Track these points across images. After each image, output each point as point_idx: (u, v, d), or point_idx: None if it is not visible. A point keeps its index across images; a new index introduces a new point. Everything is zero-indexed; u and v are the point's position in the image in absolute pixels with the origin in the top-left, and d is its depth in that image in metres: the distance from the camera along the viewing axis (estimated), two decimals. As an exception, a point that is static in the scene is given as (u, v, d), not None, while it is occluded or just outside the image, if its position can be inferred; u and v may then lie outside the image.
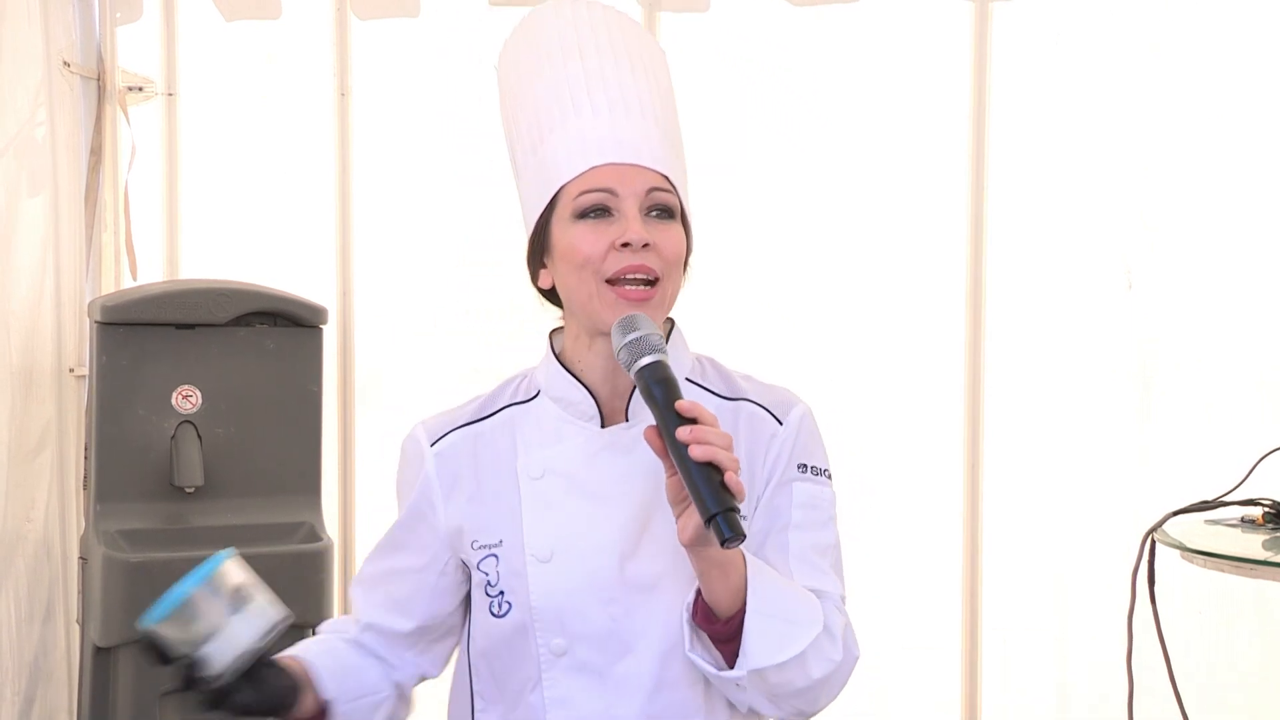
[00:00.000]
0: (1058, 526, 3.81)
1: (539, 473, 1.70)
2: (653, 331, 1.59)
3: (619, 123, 1.68)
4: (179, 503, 3.37)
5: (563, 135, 1.68)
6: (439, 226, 3.93)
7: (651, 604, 1.65)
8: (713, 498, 1.49)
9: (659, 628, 1.65)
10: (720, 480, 1.50)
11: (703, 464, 1.50)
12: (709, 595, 1.59)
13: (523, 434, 1.74)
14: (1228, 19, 3.69)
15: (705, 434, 1.51)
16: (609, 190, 1.65)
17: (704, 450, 1.50)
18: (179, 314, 3.37)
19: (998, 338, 3.83)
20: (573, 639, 1.66)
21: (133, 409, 3.34)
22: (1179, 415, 3.76)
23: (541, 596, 1.66)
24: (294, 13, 3.93)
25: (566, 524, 1.67)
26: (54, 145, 3.74)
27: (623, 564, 1.65)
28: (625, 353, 1.58)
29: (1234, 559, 2.43)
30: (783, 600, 1.61)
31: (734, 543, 1.49)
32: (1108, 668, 3.07)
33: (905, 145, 3.82)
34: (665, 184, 1.67)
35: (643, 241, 1.62)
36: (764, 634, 1.58)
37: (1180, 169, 3.74)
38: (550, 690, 1.68)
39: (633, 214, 1.64)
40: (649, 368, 1.57)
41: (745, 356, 3.78)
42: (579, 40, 1.73)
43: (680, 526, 1.55)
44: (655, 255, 1.63)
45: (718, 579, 1.58)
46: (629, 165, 1.66)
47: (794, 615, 1.61)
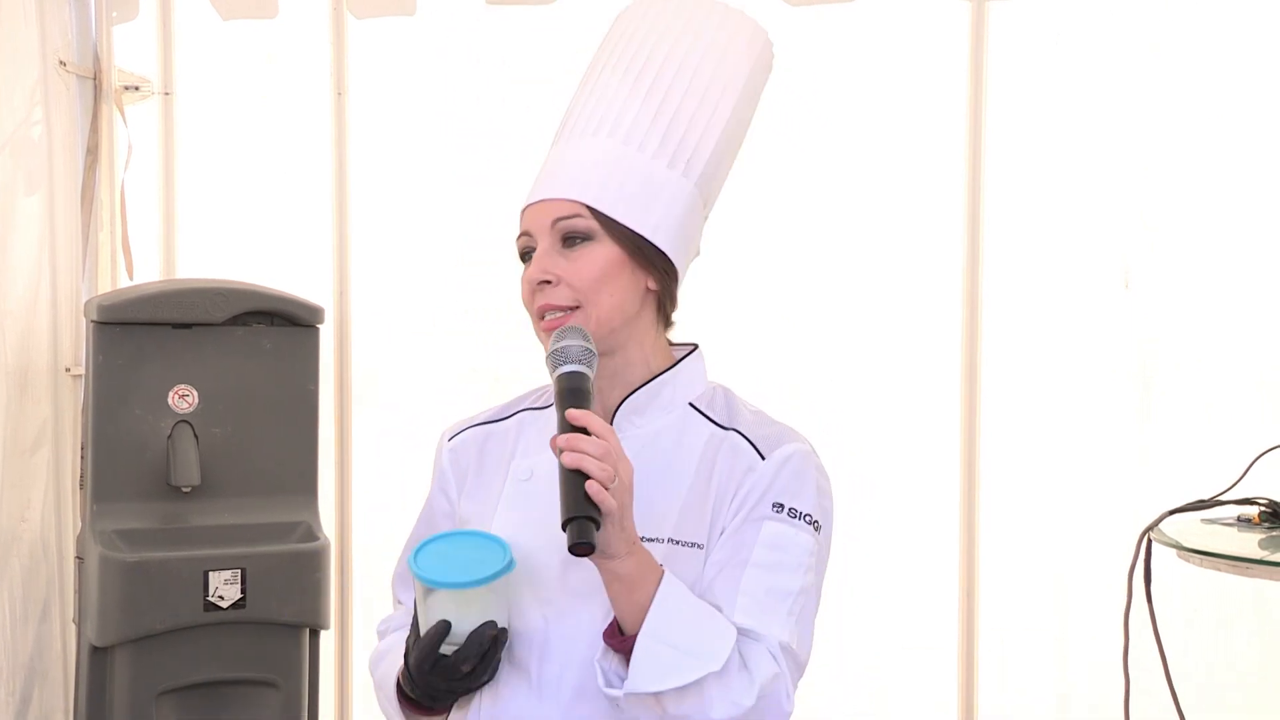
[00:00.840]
0: (1055, 526, 3.81)
1: (526, 475, 1.75)
2: (576, 343, 1.64)
3: (575, 146, 1.72)
4: (175, 502, 3.37)
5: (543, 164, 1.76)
6: (436, 226, 3.92)
7: (584, 612, 1.66)
8: (571, 503, 1.53)
9: (587, 636, 1.66)
10: (584, 490, 1.52)
11: (571, 471, 1.53)
12: (615, 609, 1.61)
13: (527, 438, 1.79)
14: (1227, 19, 3.69)
15: (578, 442, 1.54)
16: (526, 233, 1.73)
17: (573, 458, 1.53)
18: (175, 313, 3.36)
19: (995, 338, 3.83)
20: (512, 635, 1.68)
21: (129, 408, 3.34)
22: (1177, 415, 3.76)
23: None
24: (291, 12, 3.93)
25: (527, 524, 1.70)
26: (50, 145, 3.74)
27: (566, 569, 1.66)
28: (549, 361, 1.64)
29: (1230, 558, 2.43)
30: (685, 629, 1.59)
31: (580, 551, 1.51)
32: (1105, 667, 3.07)
33: (902, 145, 3.82)
34: (574, 210, 1.69)
35: (540, 280, 1.68)
36: (653, 658, 1.57)
37: (1179, 168, 3.74)
38: (487, 687, 1.70)
39: (542, 251, 1.69)
40: (561, 376, 1.62)
41: (743, 356, 3.81)
42: (633, 50, 1.76)
43: None
44: (564, 287, 1.68)
45: (621, 593, 1.59)
46: (540, 202, 1.71)
47: (692, 646, 1.58)
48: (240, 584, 3.33)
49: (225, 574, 3.32)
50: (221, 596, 3.32)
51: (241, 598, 3.33)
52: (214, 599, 3.31)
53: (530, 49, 3.74)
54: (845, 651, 3.82)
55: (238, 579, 3.33)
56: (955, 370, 3.82)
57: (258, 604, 3.34)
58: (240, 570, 3.33)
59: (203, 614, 3.30)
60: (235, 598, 3.33)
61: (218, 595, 3.31)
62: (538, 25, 3.74)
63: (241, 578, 3.33)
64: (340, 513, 3.95)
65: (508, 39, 3.78)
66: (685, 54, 1.77)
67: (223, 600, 3.32)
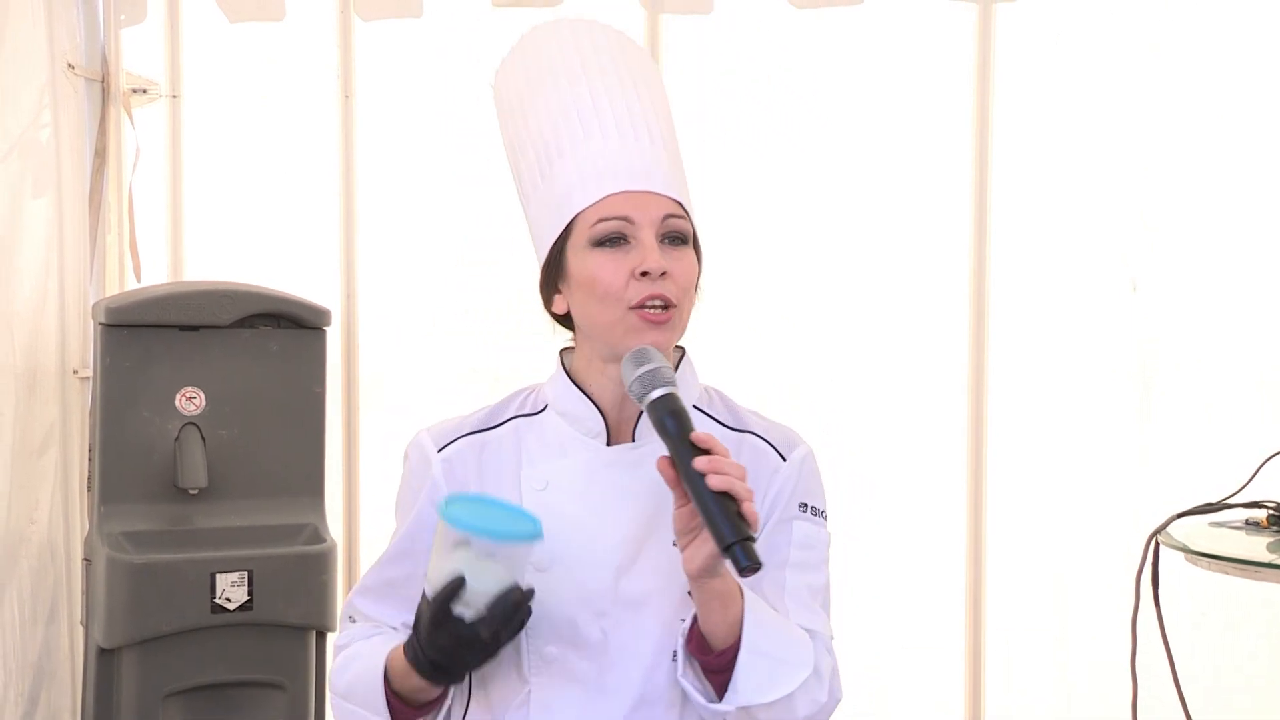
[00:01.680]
0: (1060, 527, 3.80)
1: (542, 485, 1.71)
2: (664, 365, 1.61)
3: (629, 148, 1.69)
4: (182, 504, 3.38)
5: (574, 160, 1.69)
6: (443, 228, 3.92)
7: (640, 620, 1.67)
8: (730, 528, 1.51)
9: (646, 643, 1.67)
10: (737, 510, 1.52)
11: (719, 494, 1.52)
12: (706, 626, 1.61)
13: (528, 446, 1.75)
14: (1230, 20, 3.69)
15: (722, 464, 1.53)
16: (625, 218, 1.66)
17: (721, 480, 1.52)
18: (183, 316, 3.37)
19: (1000, 338, 3.82)
20: (564, 647, 1.68)
21: (136, 410, 3.34)
22: (1181, 416, 3.76)
23: (537, 604, 1.64)
24: (297, 14, 3.93)
25: (566, 536, 1.67)
26: (58, 147, 3.75)
27: (618, 579, 1.67)
28: (638, 385, 1.60)
29: (1238, 561, 2.43)
30: (777, 639, 1.63)
31: (750, 571, 1.50)
32: (1111, 670, 3.06)
33: (908, 146, 3.81)
34: (679, 210, 1.69)
35: (661, 270, 1.64)
36: (756, 671, 1.60)
37: (1183, 170, 3.73)
38: (537, 695, 1.69)
39: (650, 242, 1.65)
40: (661, 400, 1.59)
41: (749, 358, 3.81)
42: (582, 61, 1.75)
43: (688, 556, 1.57)
44: (671, 283, 1.65)
45: (717, 610, 1.60)
46: (644, 193, 1.67)
47: (786, 655, 1.63)
48: (247, 586, 3.34)
49: (232, 576, 3.32)
50: (228, 598, 3.32)
51: (248, 600, 3.34)
52: (221, 601, 3.31)
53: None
54: (850, 653, 3.79)
55: (245, 581, 3.33)
56: (961, 371, 3.82)
57: (264, 606, 3.35)
58: (247, 572, 3.33)
59: (209, 616, 3.30)
60: (242, 600, 3.33)
61: (225, 597, 3.32)
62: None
63: (248, 580, 3.34)
64: (348, 515, 3.95)
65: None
66: (646, 67, 1.81)
67: (230, 602, 3.32)
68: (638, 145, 1.69)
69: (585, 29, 1.80)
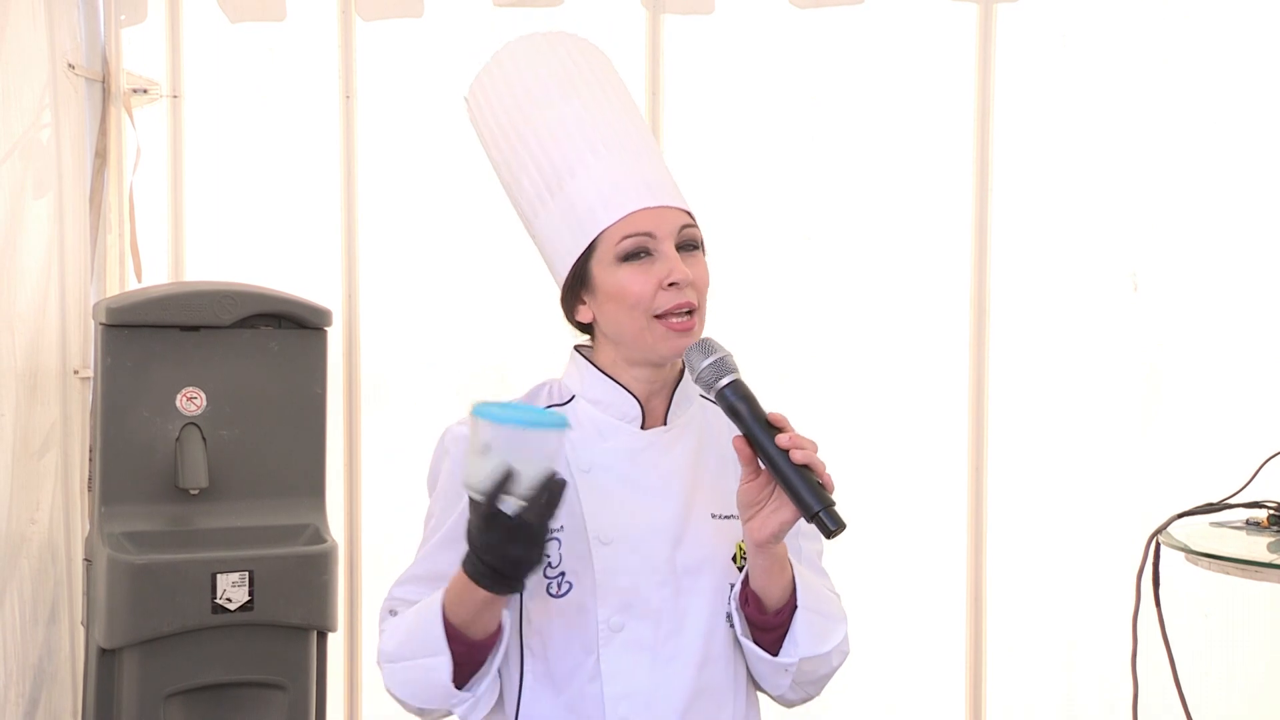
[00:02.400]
0: (1062, 528, 3.80)
1: (587, 466, 1.82)
2: (728, 354, 1.76)
3: (641, 164, 1.83)
4: (183, 505, 3.38)
5: (589, 179, 1.81)
6: (444, 228, 3.92)
7: (697, 587, 1.81)
8: (814, 496, 1.68)
9: (704, 608, 1.81)
10: (817, 480, 1.69)
11: (800, 466, 1.68)
12: (763, 590, 1.77)
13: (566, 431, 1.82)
14: (1232, 20, 3.69)
15: (801, 440, 1.70)
16: (648, 234, 1.79)
17: (803, 455, 1.68)
18: (184, 316, 3.37)
19: (1002, 339, 3.82)
20: (629, 617, 1.79)
21: (137, 411, 3.34)
22: (1184, 417, 3.76)
23: (605, 576, 1.78)
24: (299, 14, 3.93)
25: (623, 512, 1.81)
26: (59, 147, 3.75)
27: (673, 550, 1.81)
28: (709, 371, 1.74)
29: (1239, 561, 2.43)
30: (821, 598, 1.83)
31: (838, 533, 1.68)
32: (1112, 670, 3.07)
33: (910, 146, 3.82)
34: (690, 220, 1.83)
35: (688, 279, 1.79)
36: (811, 626, 1.79)
37: (1185, 170, 3.73)
38: (606, 665, 1.79)
39: (672, 254, 1.79)
40: (731, 386, 1.73)
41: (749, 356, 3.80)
42: (567, 77, 1.88)
43: (756, 527, 1.72)
44: (693, 289, 1.80)
45: (776, 574, 1.77)
46: (662, 207, 1.81)
47: (831, 611, 1.84)
48: (248, 586, 3.34)
49: (233, 576, 3.32)
50: (229, 599, 3.32)
51: (249, 600, 3.34)
52: (222, 601, 3.32)
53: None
54: (851, 655, 3.81)
55: (246, 581, 3.33)
56: (962, 372, 3.82)
57: (266, 606, 3.35)
58: (248, 572, 3.33)
59: (210, 616, 3.31)
60: (243, 600, 3.33)
61: (226, 597, 3.32)
62: (546, 27, 3.74)
63: (249, 580, 3.34)
64: (349, 515, 3.95)
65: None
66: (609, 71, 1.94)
67: (231, 602, 3.32)
68: (639, 160, 1.83)
69: (560, 43, 1.93)
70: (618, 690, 1.78)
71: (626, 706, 1.78)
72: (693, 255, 1.81)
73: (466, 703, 1.76)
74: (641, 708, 1.78)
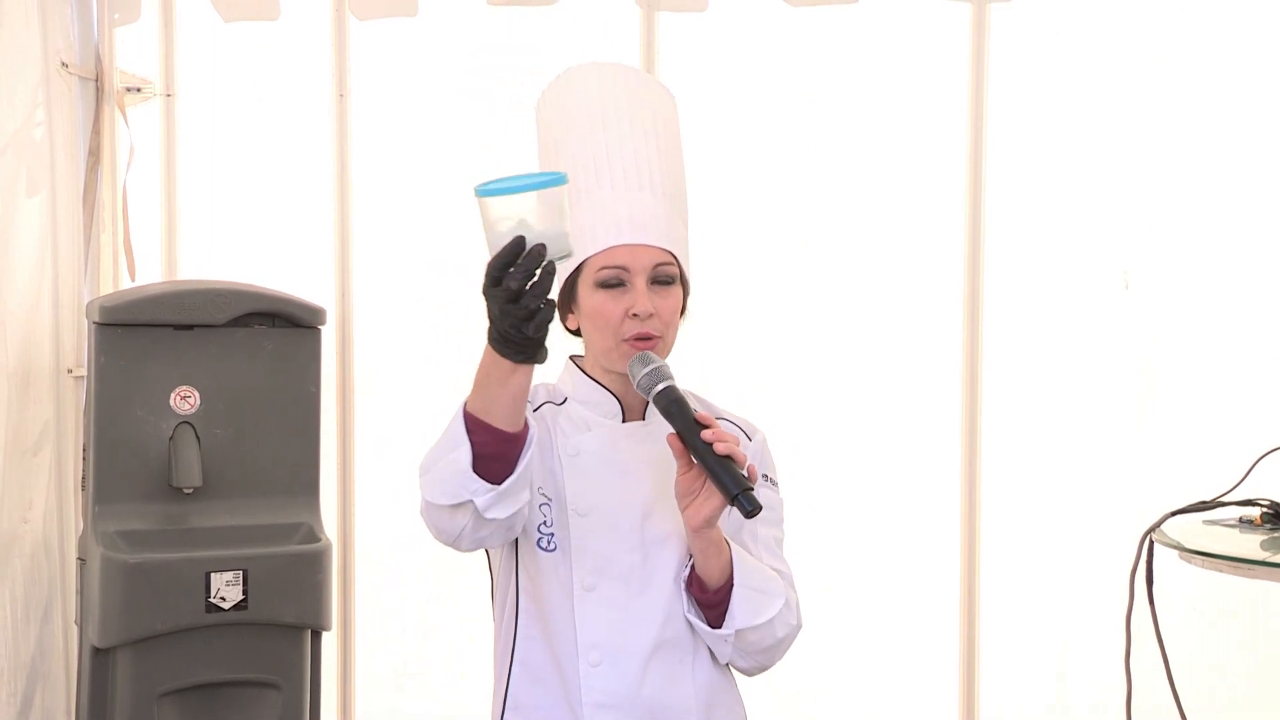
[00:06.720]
0: (1056, 526, 3.81)
1: (575, 452, 2.08)
2: (664, 364, 2.01)
3: (633, 200, 2.05)
4: (177, 503, 3.37)
5: (588, 207, 2.03)
6: (438, 227, 3.93)
7: (663, 553, 2.07)
8: (734, 481, 1.91)
9: (668, 571, 2.07)
10: (738, 469, 1.92)
11: (723, 457, 1.91)
12: (703, 570, 2.02)
13: (558, 425, 2.12)
14: (1225, 19, 3.70)
15: (723, 434, 1.93)
16: (623, 267, 2.03)
17: (724, 446, 1.92)
18: (177, 315, 3.37)
19: (996, 338, 3.83)
20: (601, 579, 2.05)
21: (131, 410, 3.34)
22: (1177, 415, 3.77)
23: (580, 543, 2.05)
24: (292, 13, 3.93)
25: (600, 490, 2.07)
26: (52, 146, 3.74)
27: (643, 522, 2.07)
28: (646, 379, 1.99)
29: (1232, 559, 2.43)
30: (758, 576, 2.06)
31: (754, 513, 1.90)
32: (1106, 668, 3.07)
33: (903, 146, 3.82)
34: (668, 258, 2.05)
35: (649, 313, 2.02)
36: (747, 601, 2.03)
37: (1177, 169, 3.74)
38: (580, 618, 2.05)
39: (641, 287, 2.03)
40: (665, 391, 1.98)
41: (744, 356, 3.81)
42: (605, 112, 2.09)
43: (691, 514, 1.97)
44: (656, 320, 2.03)
45: (713, 556, 2.01)
46: (640, 245, 2.03)
47: (767, 588, 2.06)
48: (242, 585, 3.34)
49: (227, 575, 3.32)
50: (223, 598, 3.32)
51: (243, 599, 3.34)
52: (216, 600, 3.31)
53: (533, 50, 3.75)
54: (845, 652, 3.82)
55: (239, 580, 3.33)
56: (956, 371, 3.83)
57: (259, 605, 3.35)
58: (242, 571, 3.33)
59: (204, 615, 3.31)
60: (237, 599, 3.33)
61: (219, 596, 3.32)
62: (540, 26, 3.75)
63: (243, 579, 3.34)
64: (343, 514, 3.95)
65: (510, 40, 3.78)
66: (661, 111, 2.15)
67: (224, 601, 3.32)
68: (640, 197, 2.06)
69: (613, 74, 2.15)
70: (590, 639, 2.04)
71: (597, 654, 2.05)
72: (664, 289, 2.04)
73: (490, 493, 1.89)
74: (610, 654, 2.04)
